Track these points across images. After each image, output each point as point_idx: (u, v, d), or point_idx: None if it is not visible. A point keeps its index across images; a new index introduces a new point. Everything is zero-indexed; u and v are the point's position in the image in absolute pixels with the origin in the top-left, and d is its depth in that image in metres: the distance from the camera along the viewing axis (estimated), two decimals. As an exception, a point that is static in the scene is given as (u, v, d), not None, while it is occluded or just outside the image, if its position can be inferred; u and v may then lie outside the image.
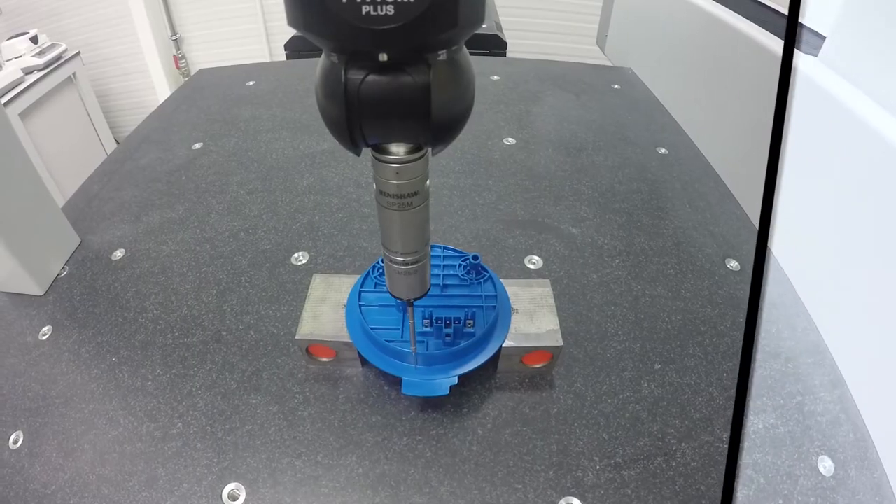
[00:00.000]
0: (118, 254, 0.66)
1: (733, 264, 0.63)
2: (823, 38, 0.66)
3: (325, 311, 0.47)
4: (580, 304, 0.58)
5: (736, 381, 0.48)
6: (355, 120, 0.24)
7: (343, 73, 0.23)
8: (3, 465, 0.46)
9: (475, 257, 0.47)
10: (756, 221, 0.72)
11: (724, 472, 0.42)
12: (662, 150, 0.86)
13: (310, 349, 0.48)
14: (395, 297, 0.37)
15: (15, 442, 0.47)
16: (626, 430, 0.45)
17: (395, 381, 0.47)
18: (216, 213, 0.71)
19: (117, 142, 2.36)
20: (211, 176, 0.79)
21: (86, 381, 0.52)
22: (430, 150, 0.28)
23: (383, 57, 0.22)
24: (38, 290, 0.63)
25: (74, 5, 2.18)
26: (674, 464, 0.43)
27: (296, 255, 0.63)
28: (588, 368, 0.51)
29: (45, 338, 0.57)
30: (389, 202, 0.29)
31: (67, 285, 0.64)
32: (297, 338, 0.46)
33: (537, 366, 0.49)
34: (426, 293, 0.38)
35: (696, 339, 0.53)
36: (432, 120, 0.24)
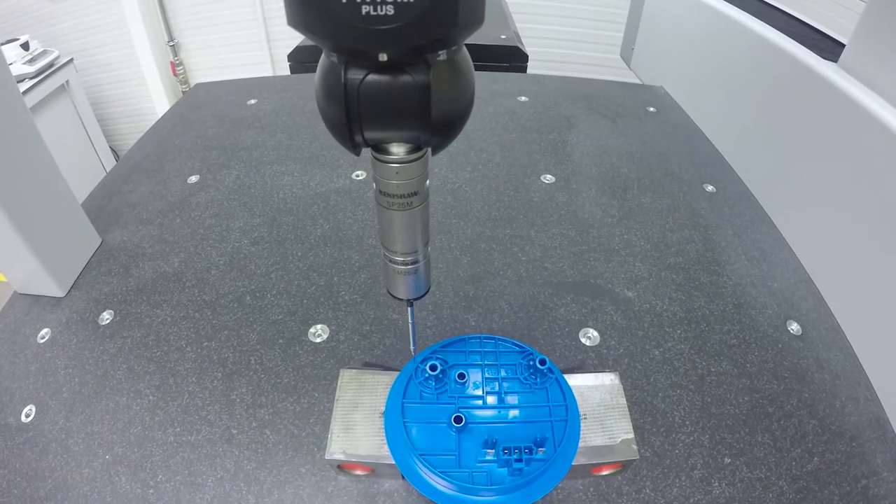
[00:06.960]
0: (106, 316, 0.58)
1: (794, 327, 0.59)
2: (843, 45, 0.69)
3: (360, 420, 0.39)
4: (644, 388, 0.52)
5: (804, 469, 0.47)
6: (355, 120, 0.24)
7: (343, 72, 0.23)
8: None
9: (542, 361, 0.39)
10: (809, 269, 0.67)
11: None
12: (710, 188, 0.79)
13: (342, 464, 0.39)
14: (394, 297, 0.36)
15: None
16: (700, 541, 0.40)
17: None
18: (216, 268, 0.62)
19: (113, 150, 2.25)
20: (209, 219, 0.70)
21: (77, 483, 0.45)
22: (429, 150, 0.28)
23: (383, 57, 0.22)
24: (59, 292, 0.60)
25: (67, 10, 2.06)
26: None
27: (313, 328, 0.54)
28: (656, 470, 0.46)
29: (28, 420, 0.50)
30: (390, 202, 0.29)
31: (51, 354, 0.55)
32: (326, 458, 0.38)
33: (605, 473, 0.44)
34: (426, 293, 0.37)
35: (764, 424, 0.50)
36: (432, 120, 0.24)
